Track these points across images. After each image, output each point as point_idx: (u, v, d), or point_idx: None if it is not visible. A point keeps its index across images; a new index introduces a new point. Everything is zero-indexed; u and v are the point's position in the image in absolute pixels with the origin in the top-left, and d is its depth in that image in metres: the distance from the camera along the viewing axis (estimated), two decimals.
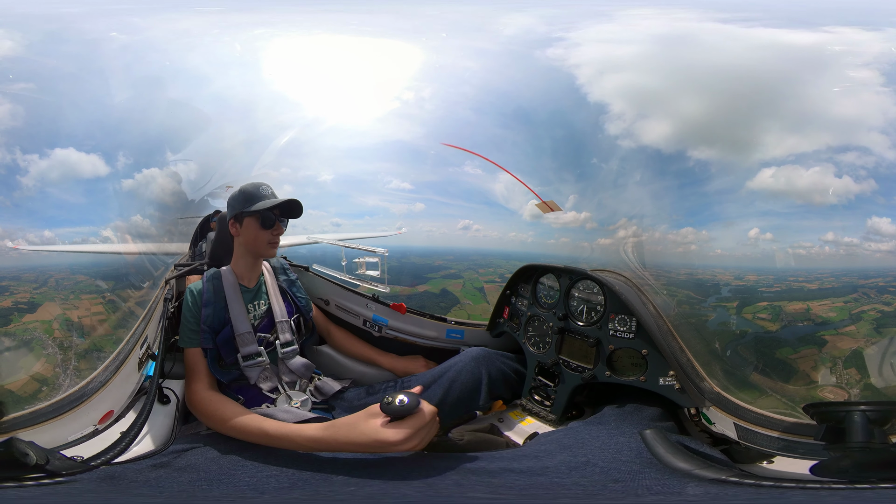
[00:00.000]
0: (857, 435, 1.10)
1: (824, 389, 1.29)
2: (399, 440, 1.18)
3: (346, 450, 1.25)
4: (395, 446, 1.19)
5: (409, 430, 1.19)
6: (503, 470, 1.21)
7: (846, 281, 1.36)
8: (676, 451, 1.23)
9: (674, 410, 1.58)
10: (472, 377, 1.79)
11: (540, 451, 1.32)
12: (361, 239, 2.27)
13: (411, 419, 1.20)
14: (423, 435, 1.22)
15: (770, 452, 1.29)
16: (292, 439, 1.32)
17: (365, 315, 2.23)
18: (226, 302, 1.74)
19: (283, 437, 1.33)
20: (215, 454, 1.27)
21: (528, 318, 2.01)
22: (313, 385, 1.85)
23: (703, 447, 1.32)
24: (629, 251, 1.81)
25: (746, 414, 1.32)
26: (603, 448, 1.28)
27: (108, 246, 1.62)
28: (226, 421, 1.45)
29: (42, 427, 1.19)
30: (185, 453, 1.28)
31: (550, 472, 1.20)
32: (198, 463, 1.22)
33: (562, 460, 1.24)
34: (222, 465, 1.22)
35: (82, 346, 1.41)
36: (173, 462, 1.24)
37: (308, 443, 1.30)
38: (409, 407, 1.19)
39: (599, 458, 1.24)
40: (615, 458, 1.23)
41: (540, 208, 2.07)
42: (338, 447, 1.26)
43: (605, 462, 1.22)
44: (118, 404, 1.45)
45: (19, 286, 1.41)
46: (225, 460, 1.25)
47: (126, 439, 1.25)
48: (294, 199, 1.75)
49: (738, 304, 1.48)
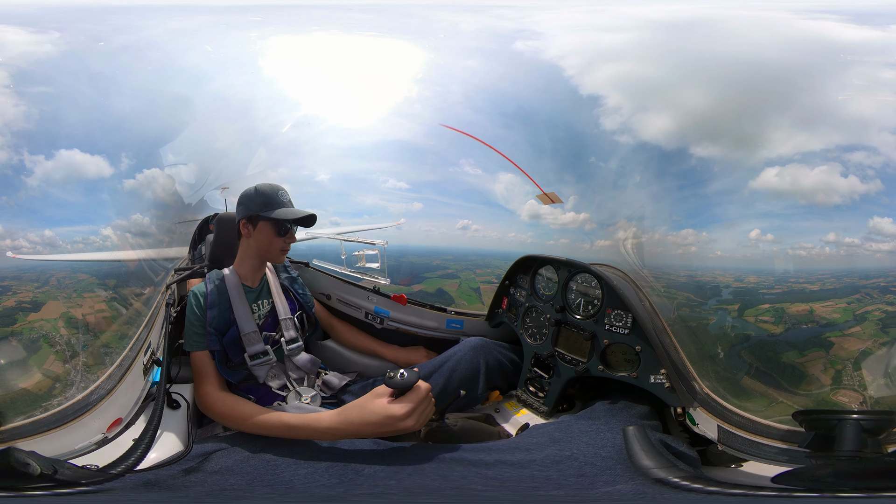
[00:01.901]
0: (847, 443, 1.09)
1: (838, 393, 1.26)
2: (404, 414, 1.27)
3: (361, 431, 1.33)
4: (400, 421, 1.28)
5: (411, 405, 1.29)
6: (498, 462, 1.25)
7: (847, 282, 1.34)
8: (648, 450, 1.23)
9: (661, 409, 1.58)
10: (471, 366, 1.81)
11: (531, 444, 1.34)
12: (360, 231, 2.27)
13: (412, 394, 1.31)
14: (420, 411, 1.31)
15: (741, 458, 1.29)
16: (313, 427, 1.38)
17: (367, 307, 2.25)
18: (230, 303, 1.74)
19: (305, 426, 1.39)
20: (244, 454, 1.31)
21: (526, 310, 2.01)
22: (321, 380, 1.88)
23: (682, 447, 1.32)
24: (629, 249, 1.79)
25: (731, 417, 1.31)
26: (588, 443, 1.30)
27: (106, 254, 1.63)
28: (247, 419, 1.48)
29: (44, 437, 1.20)
30: (212, 456, 1.31)
31: (536, 465, 1.23)
32: (230, 465, 1.26)
33: (548, 454, 1.26)
34: (255, 464, 1.26)
35: (89, 343, 1.43)
36: (203, 466, 1.26)
37: (326, 430, 1.37)
38: (409, 381, 1.30)
39: (582, 452, 1.26)
40: (596, 454, 1.24)
41: (541, 199, 2.06)
42: (353, 430, 1.33)
43: (585, 457, 1.24)
44: (125, 411, 1.46)
45: (21, 286, 1.42)
46: (257, 460, 1.28)
47: (141, 446, 1.24)
48: (313, 213, 1.75)
49: (740, 307, 1.45)
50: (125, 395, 1.44)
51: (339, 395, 1.86)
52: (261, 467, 1.24)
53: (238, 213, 1.77)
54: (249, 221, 1.75)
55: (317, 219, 1.77)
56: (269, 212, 1.70)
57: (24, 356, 1.30)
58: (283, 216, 1.71)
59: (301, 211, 1.74)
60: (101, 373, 1.40)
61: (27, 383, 1.28)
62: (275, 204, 1.72)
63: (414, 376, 1.31)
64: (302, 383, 1.82)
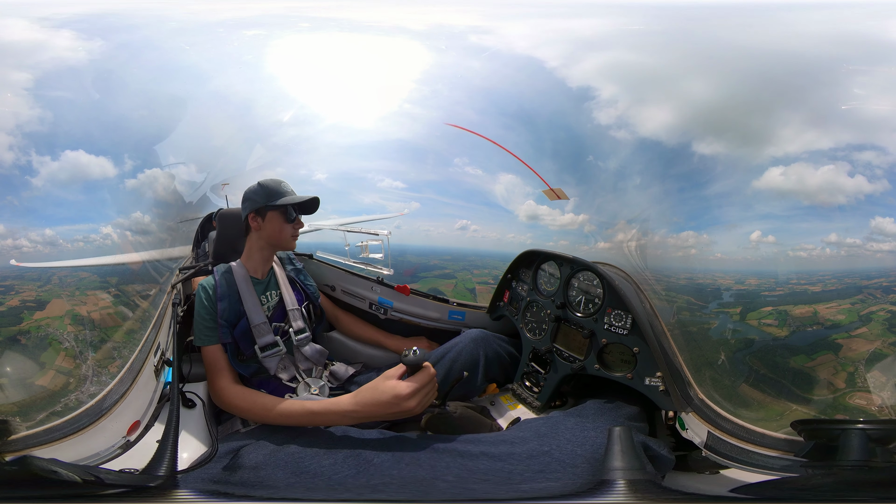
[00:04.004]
0: (853, 453, 1.05)
1: (854, 396, 1.23)
2: (409, 393, 1.33)
3: (373, 412, 1.38)
4: (405, 400, 1.33)
5: (416, 385, 1.34)
6: (482, 454, 1.25)
7: (849, 282, 1.31)
8: (626, 451, 1.20)
9: (652, 411, 1.56)
10: (471, 357, 1.83)
11: (517, 438, 1.33)
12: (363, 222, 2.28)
13: (419, 374, 1.37)
14: (424, 393, 1.36)
15: (723, 464, 1.26)
16: (333, 411, 1.43)
17: (371, 298, 2.27)
18: (239, 295, 1.76)
19: (326, 411, 1.44)
20: (271, 447, 1.34)
21: (527, 304, 2.01)
22: (328, 371, 1.90)
23: (662, 450, 1.30)
24: (633, 250, 1.77)
25: (724, 424, 1.28)
26: (570, 440, 1.28)
27: (110, 258, 1.63)
28: (270, 409, 1.51)
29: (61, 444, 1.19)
30: (242, 451, 1.33)
31: (514, 458, 1.23)
32: (262, 459, 1.29)
33: (529, 448, 1.26)
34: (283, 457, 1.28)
35: (97, 339, 1.43)
36: (238, 462, 1.28)
37: (346, 413, 1.41)
38: (420, 358, 1.37)
39: (560, 449, 1.24)
40: (572, 452, 1.23)
41: (547, 195, 2.05)
42: (367, 412, 1.38)
43: (561, 453, 1.23)
44: (140, 414, 1.46)
45: (23, 285, 1.43)
46: (283, 452, 1.31)
47: (168, 446, 1.23)
48: (316, 196, 1.81)
49: (742, 310, 1.42)
50: (139, 398, 1.45)
51: (345, 385, 1.89)
52: (289, 460, 1.27)
53: (244, 209, 1.81)
54: (258, 214, 1.79)
55: (319, 202, 1.83)
56: (276, 201, 1.76)
57: (35, 354, 1.31)
58: (290, 202, 1.77)
59: (304, 196, 1.80)
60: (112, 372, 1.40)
61: (43, 380, 1.29)
62: (279, 194, 1.78)
63: (424, 355, 1.38)
64: (310, 374, 1.84)
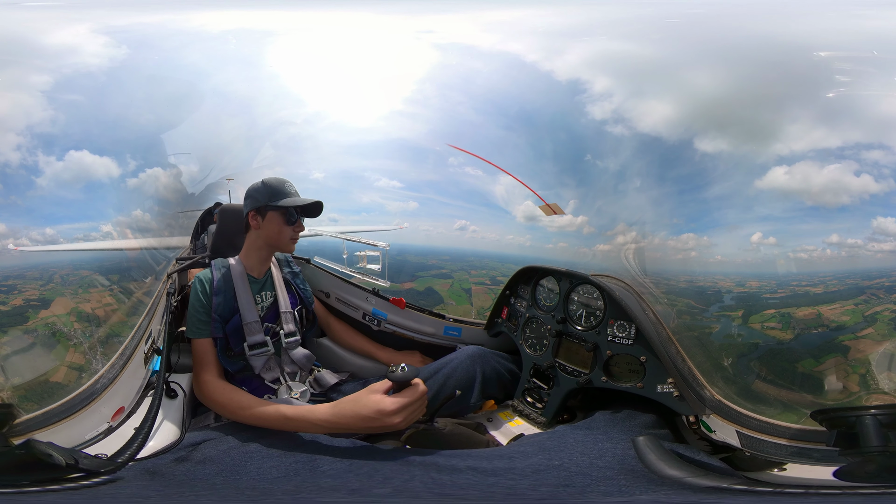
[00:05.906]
0: (871, 439, 1.03)
1: (870, 399, 1.19)
2: (394, 409, 1.28)
3: (351, 424, 1.33)
4: (388, 416, 1.28)
5: (403, 401, 1.29)
6: (469, 468, 1.20)
7: (850, 283, 1.28)
8: (669, 459, 1.18)
9: (670, 418, 1.52)
10: (467, 375, 1.78)
11: (517, 453, 1.29)
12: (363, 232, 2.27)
13: (407, 391, 1.31)
14: (411, 410, 1.31)
15: (779, 460, 1.22)
16: (308, 419, 1.39)
17: (365, 308, 2.24)
18: (234, 291, 1.76)
19: (300, 418, 1.40)
20: (229, 445, 1.32)
21: (527, 320, 1.98)
22: (313, 377, 1.88)
23: (700, 455, 1.26)
24: (630, 257, 1.75)
25: (749, 422, 1.25)
26: (583, 453, 1.23)
27: (108, 243, 1.65)
28: (245, 408, 1.49)
29: (57, 427, 1.21)
30: (201, 446, 1.31)
31: (514, 473, 1.17)
32: (213, 455, 1.26)
33: (533, 462, 1.21)
34: (235, 455, 1.26)
35: (102, 334, 1.45)
36: (191, 455, 1.26)
37: (320, 421, 1.38)
38: (408, 375, 1.31)
39: (574, 462, 1.20)
40: (591, 464, 1.18)
41: (543, 211, 2.03)
42: (345, 423, 1.34)
43: (578, 467, 1.18)
44: (128, 400, 1.48)
45: (26, 284, 1.44)
46: (238, 451, 1.28)
47: (141, 435, 1.26)
48: (319, 200, 1.78)
49: (744, 313, 1.39)
50: (127, 385, 1.46)
51: (328, 393, 1.86)
52: (238, 458, 1.24)
53: (246, 207, 1.80)
54: (258, 213, 1.77)
55: (323, 206, 1.80)
56: (277, 201, 1.74)
57: (44, 351, 1.32)
58: (292, 204, 1.74)
59: (307, 199, 1.77)
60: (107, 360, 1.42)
61: (56, 377, 1.30)
62: (282, 194, 1.75)
63: (414, 371, 1.32)
64: (294, 378, 1.82)
